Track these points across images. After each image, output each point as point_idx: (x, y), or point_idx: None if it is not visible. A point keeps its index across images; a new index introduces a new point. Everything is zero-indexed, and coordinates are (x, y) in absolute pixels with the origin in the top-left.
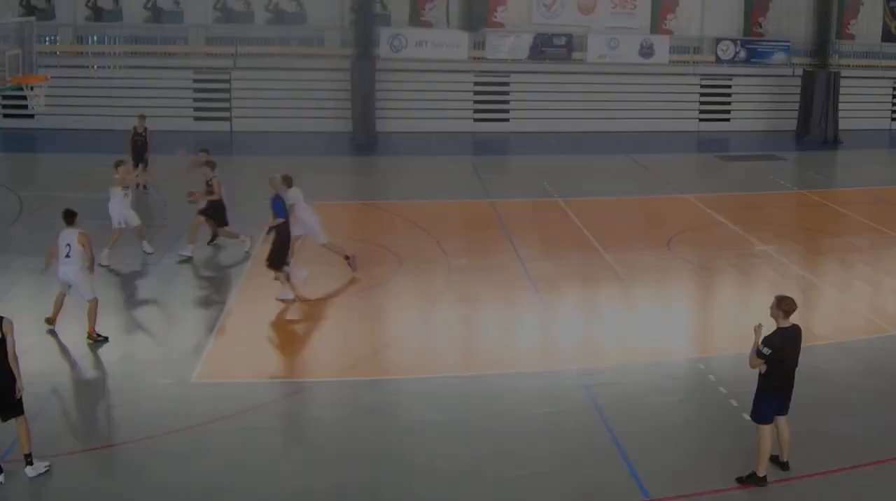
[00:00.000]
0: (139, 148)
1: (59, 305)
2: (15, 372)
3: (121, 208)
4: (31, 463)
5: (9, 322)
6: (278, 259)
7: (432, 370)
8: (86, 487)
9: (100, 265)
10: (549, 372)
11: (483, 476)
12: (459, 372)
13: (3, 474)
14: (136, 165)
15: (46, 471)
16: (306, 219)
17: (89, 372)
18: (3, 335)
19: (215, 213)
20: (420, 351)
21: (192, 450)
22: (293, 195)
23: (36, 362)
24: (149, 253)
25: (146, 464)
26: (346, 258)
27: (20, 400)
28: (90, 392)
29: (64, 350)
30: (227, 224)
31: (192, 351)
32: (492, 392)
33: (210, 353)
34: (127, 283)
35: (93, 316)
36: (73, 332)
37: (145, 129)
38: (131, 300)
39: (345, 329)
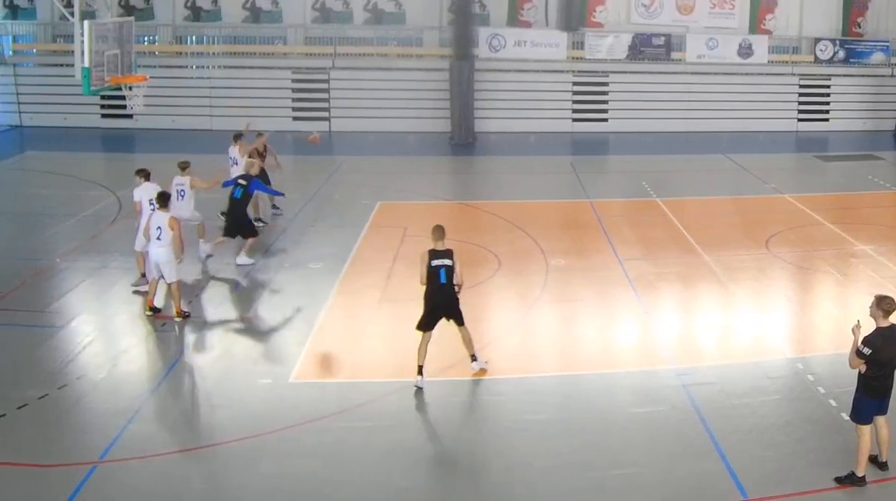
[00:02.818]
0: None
1: (153, 290)
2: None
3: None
4: (475, 359)
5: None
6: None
7: (531, 370)
8: (184, 487)
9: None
10: (647, 372)
11: (581, 475)
12: (558, 371)
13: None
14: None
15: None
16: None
17: (187, 372)
18: (452, 261)
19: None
20: (518, 351)
21: (291, 450)
22: (142, 191)
23: (134, 361)
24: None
25: (246, 465)
26: (142, 275)
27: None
28: (188, 392)
29: (162, 351)
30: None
31: (290, 351)
32: (590, 391)
33: (308, 353)
34: (224, 283)
35: (177, 296)
36: (170, 336)
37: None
38: (229, 300)
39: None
